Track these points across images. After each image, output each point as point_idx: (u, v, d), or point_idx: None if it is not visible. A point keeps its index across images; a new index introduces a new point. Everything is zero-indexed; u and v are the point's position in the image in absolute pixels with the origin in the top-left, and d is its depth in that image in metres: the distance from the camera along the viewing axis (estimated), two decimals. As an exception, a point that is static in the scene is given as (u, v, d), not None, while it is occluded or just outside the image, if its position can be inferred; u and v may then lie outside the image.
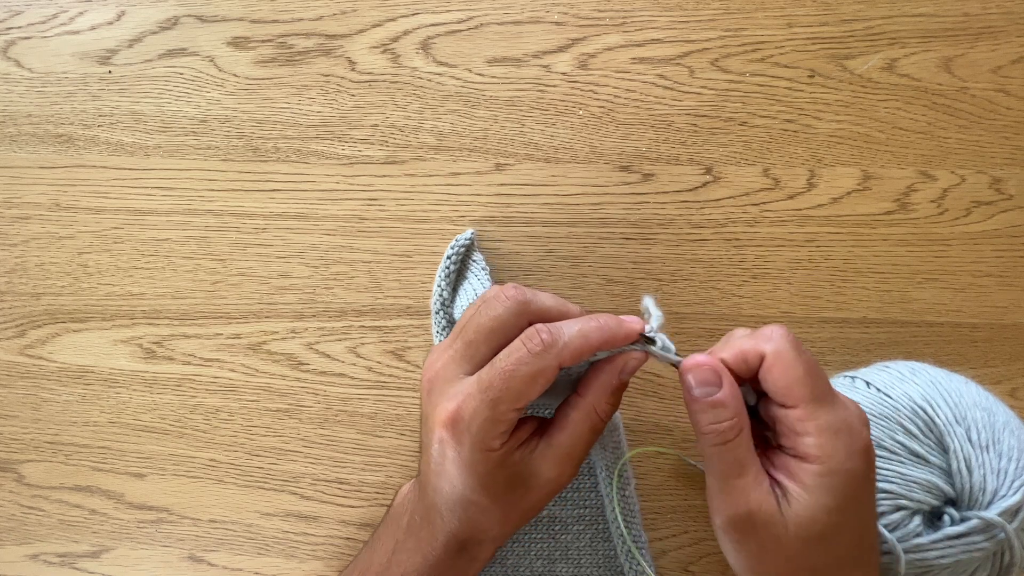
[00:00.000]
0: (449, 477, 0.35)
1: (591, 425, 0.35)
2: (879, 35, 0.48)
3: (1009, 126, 0.47)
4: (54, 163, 0.52)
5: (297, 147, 0.51)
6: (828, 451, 0.32)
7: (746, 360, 0.34)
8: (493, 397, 0.33)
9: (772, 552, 0.33)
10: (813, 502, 0.32)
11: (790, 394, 0.32)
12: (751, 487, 0.32)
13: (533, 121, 0.49)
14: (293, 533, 0.50)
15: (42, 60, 0.52)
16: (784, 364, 0.32)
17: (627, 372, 0.36)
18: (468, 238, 0.47)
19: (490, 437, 0.34)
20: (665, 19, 0.49)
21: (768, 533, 0.32)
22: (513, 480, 0.35)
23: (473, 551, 0.38)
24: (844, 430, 0.32)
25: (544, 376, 0.33)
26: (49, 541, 0.52)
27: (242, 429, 0.51)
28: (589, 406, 0.35)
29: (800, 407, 0.32)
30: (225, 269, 0.51)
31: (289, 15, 0.51)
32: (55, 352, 0.52)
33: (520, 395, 0.33)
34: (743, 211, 0.48)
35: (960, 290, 0.48)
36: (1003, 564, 0.40)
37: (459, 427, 0.34)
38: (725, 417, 0.33)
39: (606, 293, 0.49)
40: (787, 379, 0.32)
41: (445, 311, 0.47)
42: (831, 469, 0.32)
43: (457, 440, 0.34)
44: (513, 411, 0.34)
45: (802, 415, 0.32)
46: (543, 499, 0.37)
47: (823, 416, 0.32)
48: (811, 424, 0.32)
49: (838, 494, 0.32)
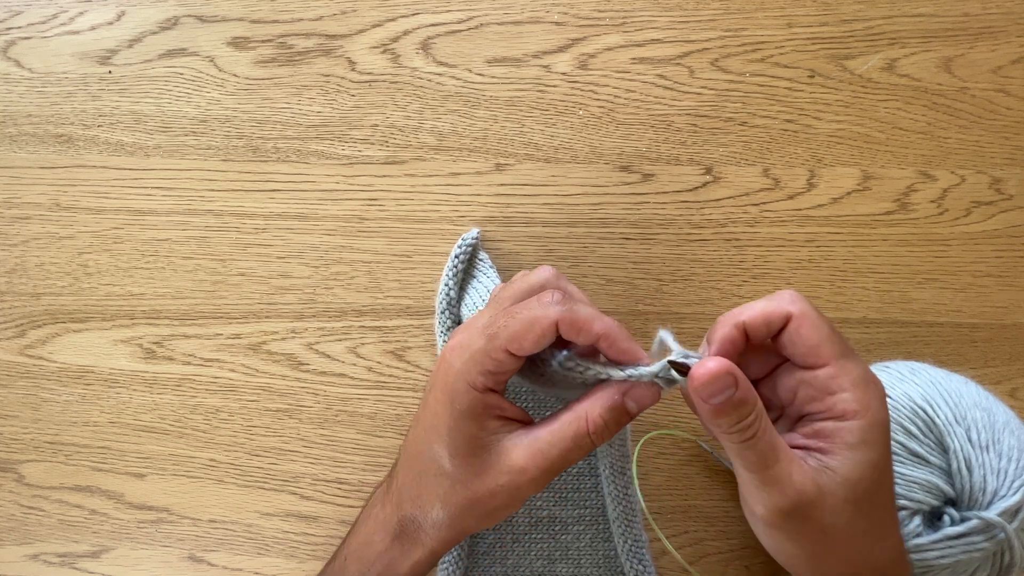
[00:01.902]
0: (424, 420, 0.35)
1: (575, 430, 0.33)
2: (879, 35, 0.48)
3: (1009, 126, 0.47)
4: (54, 163, 0.52)
5: (297, 147, 0.51)
6: (866, 403, 0.31)
7: (768, 323, 0.32)
8: (491, 332, 0.33)
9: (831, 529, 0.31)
10: (860, 459, 0.31)
11: (820, 352, 0.32)
12: (792, 470, 0.31)
13: (533, 121, 0.49)
14: (293, 533, 0.50)
15: (42, 60, 0.52)
16: (811, 323, 0.32)
17: (633, 398, 0.33)
18: (475, 237, 0.48)
19: (476, 370, 0.33)
20: (665, 19, 0.49)
21: (823, 510, 0.31)
22: (478, 444, 0.34)
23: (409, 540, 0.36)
24: (872, 381, 0.32)
25: (540, 325, 0.32)
26: (49, 541, 0.52)
27: (242, 429, 0.51)
28: (581, 411, 0.33)
29: (831, 364, 0.32)
30: (225, 269, 0.51)
31: (289, 15, 0.51)
32: (55, 352, 0.52)
33: (515, 336, 0.32)
34: (743, 211, 0.48)
35: (960, 290, 0.48)
36: (1003, 564, 0.40)
37: (453, 353, 0.34)
38: (747, 413, 0.31)
39: (606, 293, 0.49)
40: (817, 337, 0.32)
41: (451, 311, 0.47)
42: (872, 421, 0.31)
43: (447, 367, 0.34)
44: (505, 352, 0.32)
45: (834, 371, 0.31)
46: (497, 493, 0.34)
47: (853, 370, 0.31)
48: (845, 379, 0.31)
49: (880, 446, 0.31)
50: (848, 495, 0.31)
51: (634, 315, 0.49)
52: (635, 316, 0.49)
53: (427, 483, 0.35)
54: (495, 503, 0.34)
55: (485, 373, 0.33)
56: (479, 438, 0.34)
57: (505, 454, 0.33)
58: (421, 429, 0.35)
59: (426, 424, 0.35)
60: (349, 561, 0.38)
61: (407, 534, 0.36)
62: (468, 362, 0.33)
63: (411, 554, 0.36)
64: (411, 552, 0.36)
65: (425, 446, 0.35)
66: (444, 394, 0.34)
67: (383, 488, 0.39)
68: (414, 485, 0.35)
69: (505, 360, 0.33)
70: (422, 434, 0.35)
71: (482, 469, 0.34)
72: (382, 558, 0.36)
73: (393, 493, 0.37)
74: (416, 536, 0.36)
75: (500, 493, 0.34)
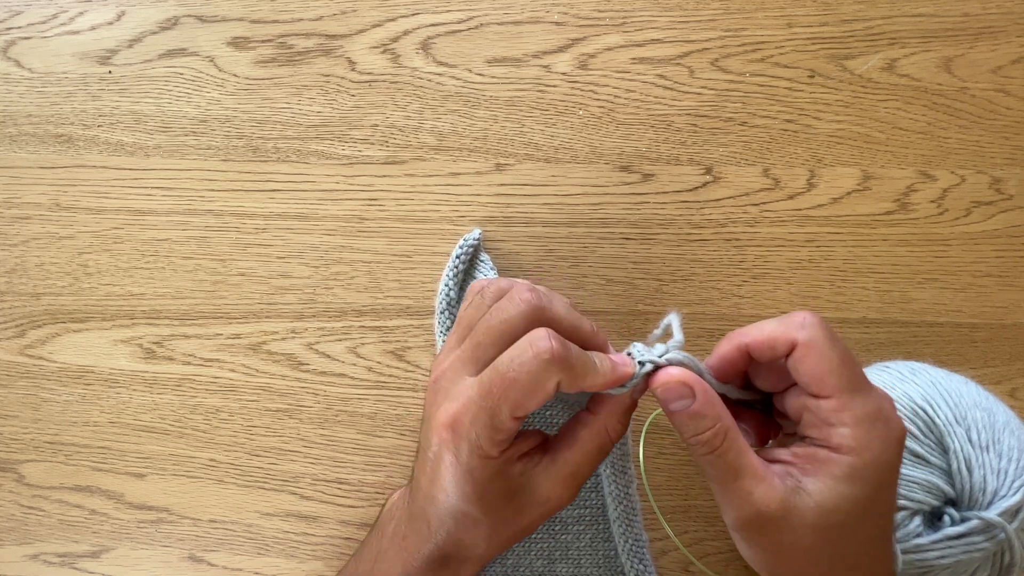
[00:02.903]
0: (443, 484, 0.34)
1: (600, 444, 0.34)
2: (879, 35, 0.48)
3: (1009, 126, 0.47)
4: (54, 163, 0.52)
5: (297, 147, 0.51)
6: (864, 443, 0.30)
7: (773, 347, 0.32)
8: (492, 405, 0.32)
9: (789, 546, 0.31)
10: (840, 492, 0.30)
11: (824, 384, 0.31)
12: (752, 487, 0.31)
13: (533, 121, 0.49)
14: (293, 533, 0.50)
15: (42, 60, 0.52)
16: (818, 353, 0.31)
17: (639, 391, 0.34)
18: (476, 238, 0.47)
19: (489, 445, 0.32)
20: (665, 19, 0.49)
21: (783, 527, 0.31)
22: (510, 493, 0.34)
23: (454, 567, 0.36)
24: (881, 420, 0.31)
25: (544, 391, 0.32)
26: (49, 541, 0.52)
27: (242, 429, 0.51)
28: (601, 425, 0.34)
29: (835, 397, 0.31)
30: (225, 269, 0.51)
31: (289, 15, 0.51)
32: (55, 352, 0.52)
33: (519, 405, 0.32)
34: (743, 211, 0.48)
35: (960, 290, 0.48)
36: (1003, 564, 0.40)
37: (459, 431, 0.33)
38: (706, 427, 0.31)
39: (606, 293, 0.49)
40: (821, 369, 0.31)
41: (451, 311, 0.47)
42: (865, 462, 0.30)
43: (456, 444, 0.33)
44: (513, 420, 0.32)
45: (837, 406, 0.31)
46: (537, 520, 0.35)
47: (859, 407, 0.31)
48: (847, 415, 0.31)
49: (868, 484, 0.31)
50: (817, 521, 0.31)
51: (634, 315, 0.49)
52: (635, 316, 0.49)
53: (465, 533, 0.35)
54: (532, 528, 0.35)
55: (497, 443, 0.33)
56: (508, 488, 0.34)
57: (537, 489, 0.34)
58: (439, 489, 0.34)
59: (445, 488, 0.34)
60: None
61: (450, 564, 0.36)
62: (475, 442, 0.32)
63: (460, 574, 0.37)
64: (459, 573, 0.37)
65: (450, 505, 0.34)
66: (459, 467, 0.33)
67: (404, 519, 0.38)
68: (450, 534, 0.35)
69: (513, 425, 0.33)
70: (442, 494, 0.34)
71: (520, 509, 0.34)
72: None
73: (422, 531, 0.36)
74: (462, 564, 0.36)
75: (538, 520, 0.35)
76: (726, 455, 0.31)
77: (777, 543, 0.31)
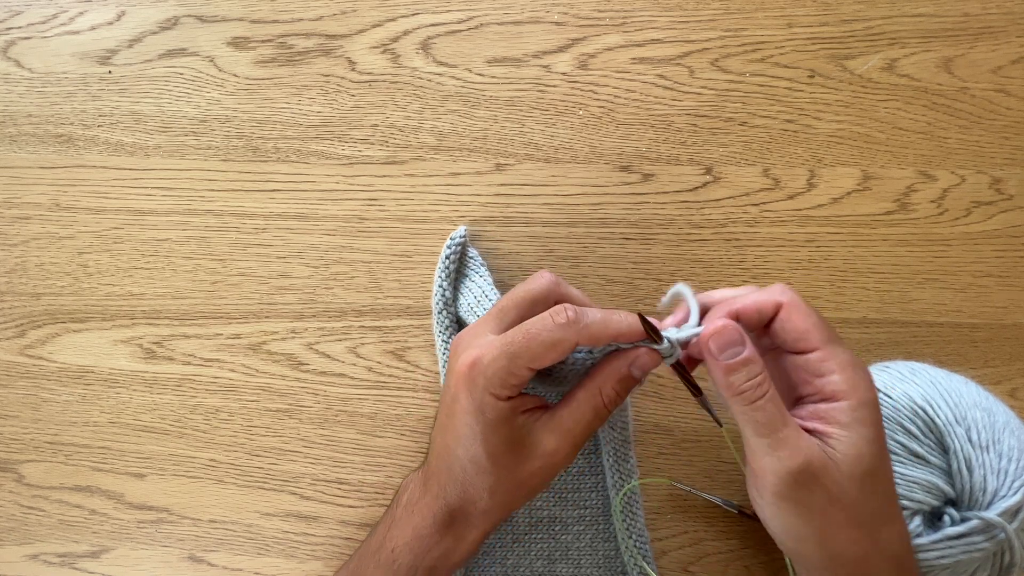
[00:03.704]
0: (456, 427, 0.37)
1: (594, 406, 0.37)
2: (879, 35, 0.48)
3: (1009, 126, 0.47)
4: (54, 163, 0.52)
5: (297, 147, 0.51)
6: (854, 383, 0.33)
7: (760, 311, 0.35)
8: (513, 351, 0.35)
9: (837, 501, 0.32)
10: (856, 436, 0.32)
11: (809, 338, 0.34)
12: (798, 437, 0.33)
13: (533, 121, 0.49)
14: (293, 533, 0.50)
15: (42, 60, 0.52)
16: (801, 311, 0.34)
17: (638, 367, 0.37)
18: (462, 235, 0.48)
19: (501, 385, 0.36)
20: (665, 19, 0.49)
21: (829, 482, 0.32)
22: (513, 441, 0.37)
23: (460, 527, 0.39)
24: (859, 364, 0.34)
25: (562, 346, 0.35)
26: (49, 541, 0.52)
27: (242, 429, 0.51)
28: (595, 387, 0.37)
29: (820, 349, 0.34)
30: (225, 269, 0.51)
31: (289, 15, 0.51)
32: (55, 352, 0.52)
33: (537, 356, 0.35)
34: (743, 211, 0.48)
35: (960, 290, 0.48)
36: (1003, 564, 0.40)
37: (475, 370, 0.36)
38: (757, 371, 0.34)
39: (606, 293, 0.49)
40: (806, 324, 0.34)
41: (448, 311, 0.47)
42: (861, 401, 0.33)
43: (471, 384, 0.36)
44: (527, 369, 0.36)
45: (823, 355, 0.34)
46: (536, 473, 0.38)
47: (840, 355, 0.34)
48: (833, 363, 0.33)
49: (872, 425, 0.33)
50: (851, 470, 0.32)
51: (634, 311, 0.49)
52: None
53: (471, 481, 0.38)
54: (535, 482, 0.38)
55: (509, 387, 0.36)
56: (512, 435, 0.37)
57: (537, 441, 0.37)
58: (452, 437, 0.38)
59: (457, 433, 0.38)
60: (399, 553, 0.40)
61: (458, 523, 0.39)
62: (492, 379, 0.36)
63: (464, 539, 0.39)
64: (464, 537, 0.39)
65: (461, 451, 0.38)
66: (472, 406, 0.37)
67: (417, 486, 0.41)
68: (458, 484, 0.38)
69: (527, 375, 0.36)
70: (453, 441, 0.38)
71: (520, 458, 0.37)
72: (437, 547, 0.39)
73: (433, 490, 0.40)
74: (467, 523, 0.39)
75: (539, 473, 0.38)
76: (772, 402, 0.33)
77: (827, 500, 0.32)
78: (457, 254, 0.47)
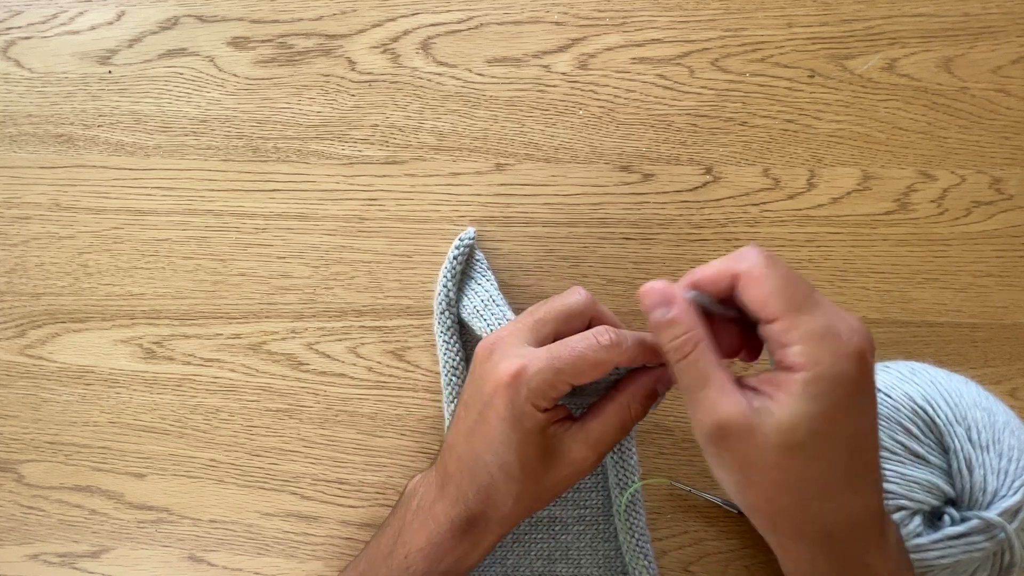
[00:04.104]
0: (487, 434, 0.38)
1: (622, 419, 0.39)
2: (879, 35, 0.48)
3: (1009, 126, 0.47)
4: (54, 163, 0.52)
5: (297, 147, 0.51)
6: (813, 357, 0.31)
7: (716, 282, 0.34)
8: (559, 367, 0.37)
9: (755, 464, 0.32)
10: (796, 408, 0.31)
11: (767, 307, 0.32)
12: (718, 397, 0.33)
13: (533, 121, 0.49)
14: (293, 533, 0.50)
15: (42, 60, 0.52)
16: (757, 280, 0.33)
17: (664, 384, 0.39)
18: (471, 237, 0.48)
19: (543, 398, 0.37)
20: (665, 19, 0.49)
21: (746, 443, 0.32)
22: (544, 451, 0.38)
23: (478, 532, 0.39)
24: (830, 335, 0.32)
25: (604, 367, 0.37)
26: (49, 541, 0.52)
27: (242, 429, 0.51)
28: (624, 402, 0.39)
29: (781, 319, 0.32)
30: (225, 269, 0.51)
31: (289, 15, 0.51)
32: (55, 352, 0.52)
33: (580, 373, 0.37)
34: (743, 211, 0.48)
35: (960, 290, 0.48)
36: (1003, 564, 0.40)
37: (519, 380, 0.37)
38: (680, 332, 0.34)
39: (606, 293, 0.49)
40: (762, 294, 0.32)
41: (451, 311, 0.47)
42: (817, 375, 0.31)
43: (513, 393, 0.37)
44: (568, 384, 0.37)
45: (785, 326, 0.32)
46: (561, 481, 0.39)
47: (805, 324, 0.32)
48: (795, 333, 0.32)
49: (825, 400, 0.31)
50: (780, 440, 0.31)
51: (634, 315, 0.49)
52: (635, 316, 0.49)
53: (497, 487, 0.39)
54: (558, 489, 0.39)
55: (549, 399, 0.37)
56: (544, 445, 0.38)
57: (567, 451, 0.38)
58: (482, 443, 0.38)
59: (489, 439, 0.38)
60: (413, 559, 0.40)
61: (477, 529, 0.39)
62: (535, 390, 0.37)
63: (481, 544, 0.40)
64: (481, 542, 0.40)
65: (491, 457, 0.38)
66: (510, 415, 0.37)
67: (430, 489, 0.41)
68: (482, 490, 0.39)
69: (566, 389, 0.37)
70: (483, 447, 0.38)
71: (549, 467, 0.38)
72: (452, 553, 0.40)
73: (451, 495, 0.40)
74: (486, 528, 0.40)
75: (564, 481, 0.39)
76: (696, 363, 0.34)
77: (742, 460, 0.33)
78: (465, 255, 0.47)
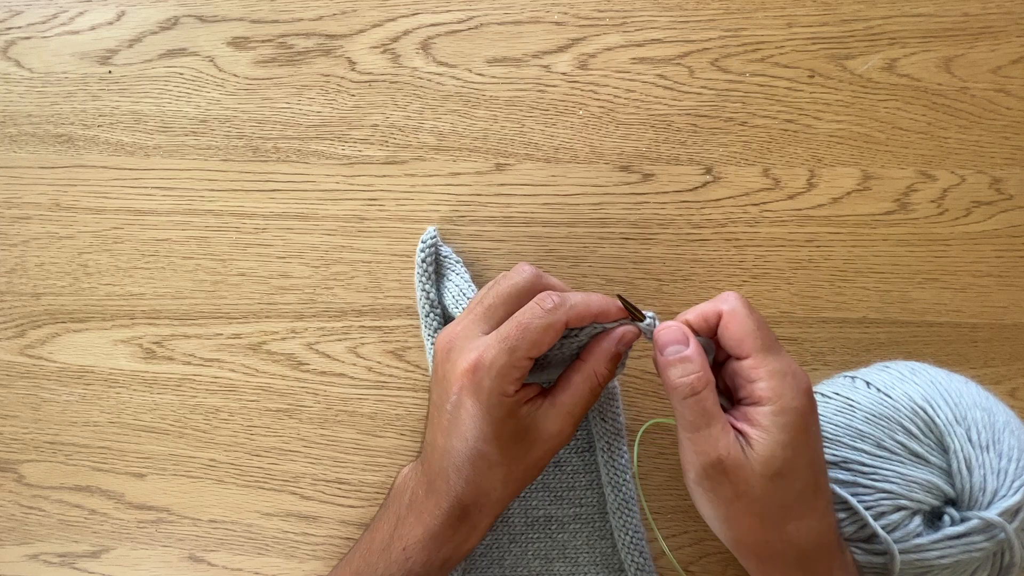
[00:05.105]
0: (462, 430, 0.39)
1: (591, 386, 0.40)
2: (879, 35, 0.48)
3: (1009, 126, 0.47)
4: (54, 163, 0.52)
5: (297, 147, 0.51)
6: (778, 391, 0.36)
7: (706, 319, 0.38)
8: (511, 345, 0.37)
9: (744, 495, 0.36)
10: (771, 440, 0.35)
11: (743, 345, 0.37)
12: (719, 435, 0.36)
13: (533, 121, 0.49)
14: (293, 533, 0.50)
15: (42, 60, 0.52)
16: (738, 319, 0.37)
17: (623, 343, 0.40)
18: (432, 236, 0.48)
19: (507, 382, 0.38)
20: (665, 19, 0.49)
21: (738, 476, 0.36)
22: (520, 432, 0.39)
23: (474, 518, 0.41)
24: (789, 373, 0.36)
25: (554, 329, 0.38)
26: (49, 541, 0.52)
27: (242, 429, 0.51)
28: (589, 369, 0.40)
29: (752, 356, 0.37)
30: (225, 269, 0.51)
31: (289, 15, 0.51)
32: (55, 352, 0.52)
33: (534, 344, 0.38)
34: (743, 211, 0.48)
35: (960, 290, 0.48)
36: (1003, 564, 0.40)
37: (479, 373, 0.38)
38: (692, 370, 0.37)
39: (606, 293, 0.49)
40: (741, 332, 0.37)
41: (435, 312, 0.47)
42: (782, 407, 0.36)
43: (476, 387, 0.38)
44: (527, 359, 0.38)
45: (754, 363, 0.36)
46: (543, 456, 0.40)
47: (771, 363, 0.36)
48: (762, 370, 0.36)
49: (790, 429, 0.36)
50: (763, 470, 0.35)
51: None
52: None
53: (482, 476, 0.40)
54: (542, 464, 0.41)
55: (514, 381, 0.38)
56: (518, 426, 0.39)
57: (541, 427, 0.40)
58: (458, 439, 0.39)
59: (463, 434, 0.39)
60: (412, 551, 0.41)
61: (471, 515, 0.41)
62: (497, 378, 0.38)
63: (478, 527, 0.41)
64: (477, 526, 0.41)
65: (472, 451, 0.39)
66: (479, 409, 0.38)
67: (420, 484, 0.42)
68: (469, 481, 0.40)
69: (527, 365, 0.38)
70: (460, 442, 0.39)
71: (529, 446, 0.40)
72: (451, 540, 0.41)
73: (441, 489, 0.41)
74: (480, 513, 0.41)
75: (546, 455, 0.40)
76: (703, 401, 0.37)
77: (733, 493, 0.36)
78: (432, 255, 0.48)
